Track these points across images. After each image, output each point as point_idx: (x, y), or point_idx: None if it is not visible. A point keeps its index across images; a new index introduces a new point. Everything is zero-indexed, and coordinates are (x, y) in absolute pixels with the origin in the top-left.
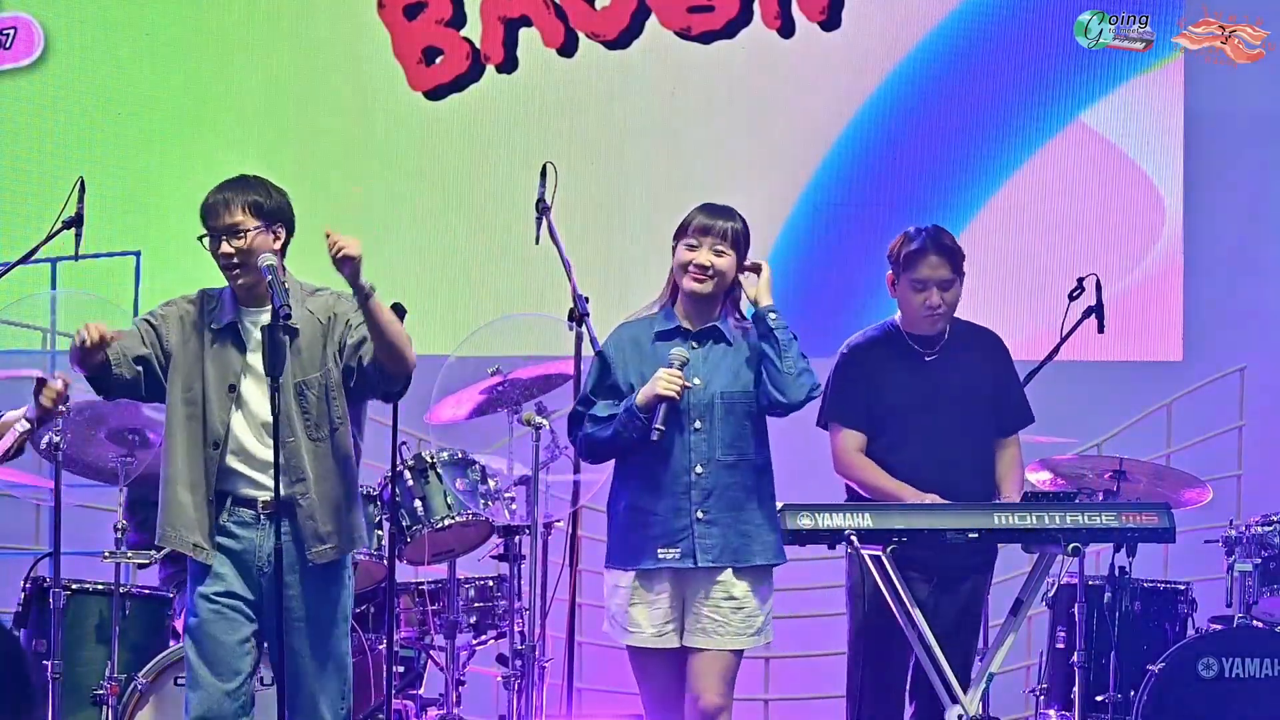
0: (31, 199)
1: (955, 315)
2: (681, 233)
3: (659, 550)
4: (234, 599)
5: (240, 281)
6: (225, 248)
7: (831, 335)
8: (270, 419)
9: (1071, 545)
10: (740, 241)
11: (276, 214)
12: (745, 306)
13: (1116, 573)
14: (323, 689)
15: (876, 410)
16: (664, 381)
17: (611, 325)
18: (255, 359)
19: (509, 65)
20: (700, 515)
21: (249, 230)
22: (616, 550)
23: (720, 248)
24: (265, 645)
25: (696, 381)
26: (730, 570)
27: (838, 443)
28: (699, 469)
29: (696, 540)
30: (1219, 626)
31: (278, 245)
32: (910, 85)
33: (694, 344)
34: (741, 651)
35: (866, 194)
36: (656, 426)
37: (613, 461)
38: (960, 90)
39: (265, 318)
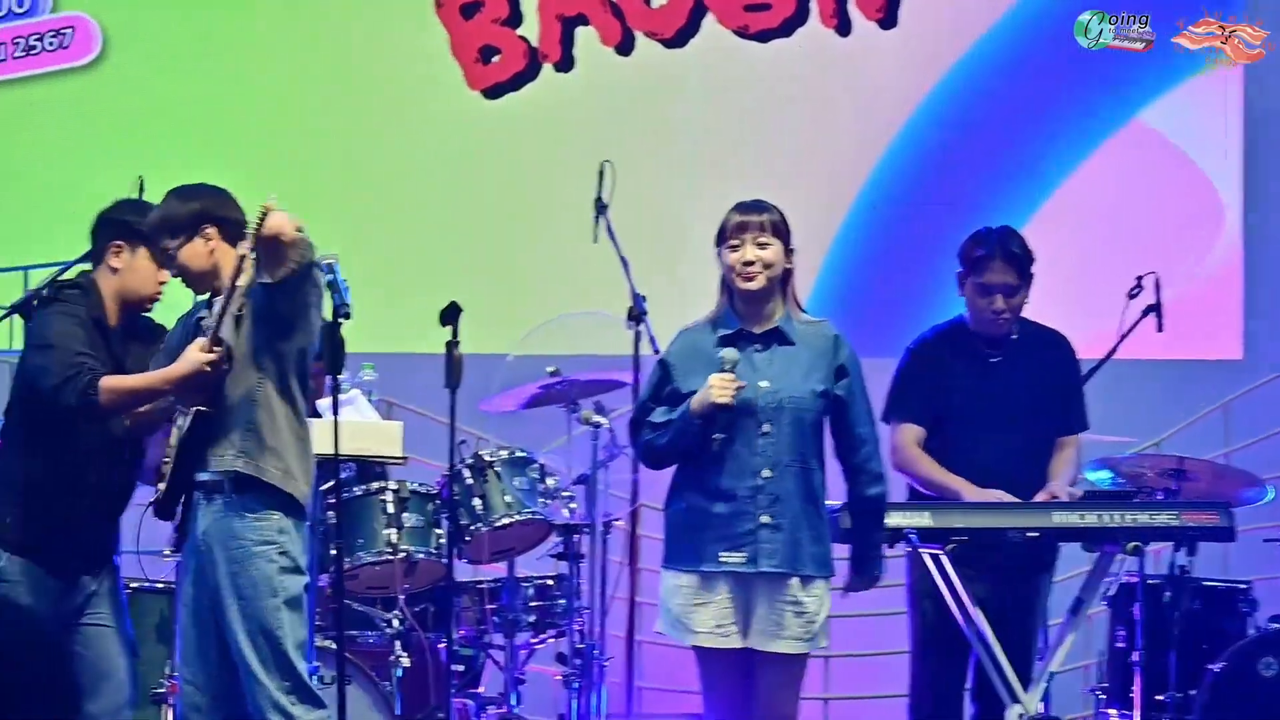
0: (89, 199)
1: (1024, 315)
2: (721, 237)
3: (721, 554)
4: None
5: (198, 293)
6: (165, 276)
7: (889, 336)
8: None
9: (1131, 544)
10: (781, 230)
11: (191, 220)
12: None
13: (1176, 572)
14: None
15: (940, 408)
16: (717, 389)
17: (669, 325)
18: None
19: (566, 64)
20: (765, 520)
21: (170, 253)
22: (677, 551)
23: (762, 240)
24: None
25: (764, 384)
26: (794, 576)
27: (897, 437)
28: (766, 473)
29: (760, 545)
30: (1279, 626)
31: (212, 245)
32: (967, 83)
33: (758, 346)
34: (806, 656)
35: (924, 193)
36: (715, 436)
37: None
38: (1017, 89)
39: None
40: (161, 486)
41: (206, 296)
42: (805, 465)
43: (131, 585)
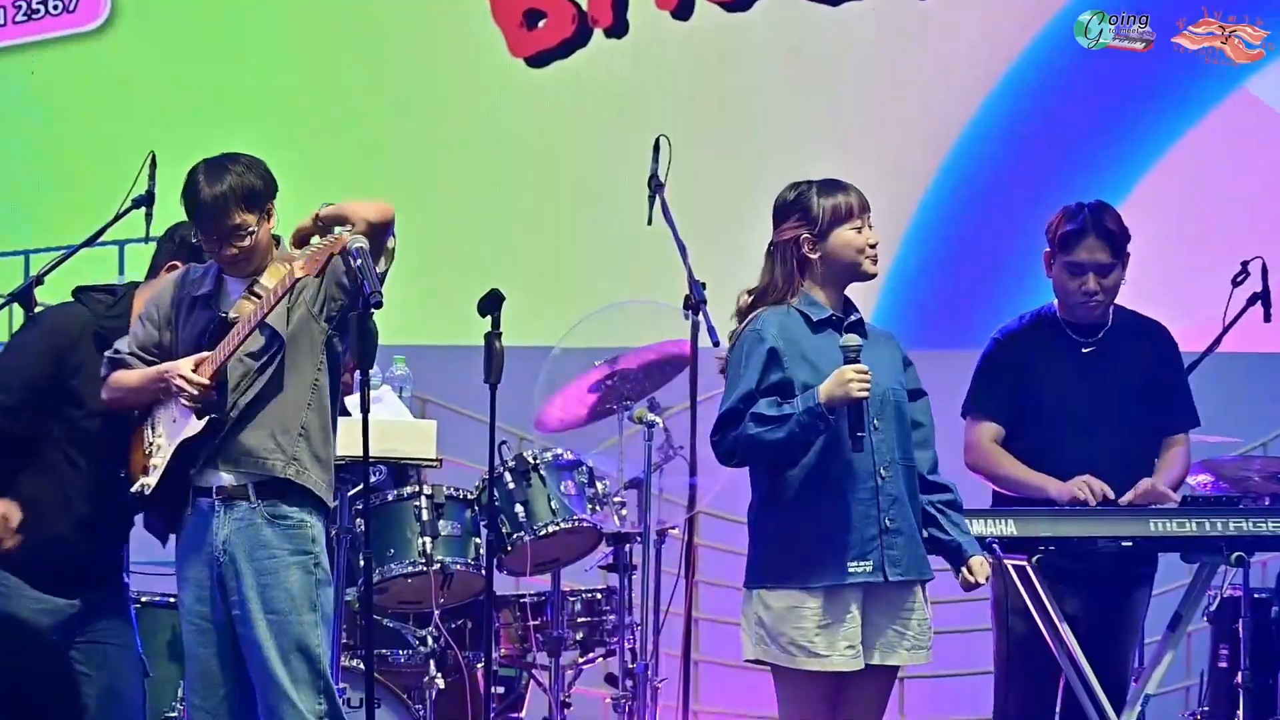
0: (99, 176)
1: (1119, 303)
2: (841, 217)
3: (850, 564)
4: None
5: (240, 273)
6: (230, 250)
7: (974, 326)
8: None
9: (1235, 554)
10: None
11: (267, 194)
12: None
13: None
14: None
15: (1024, 405)
16: (856, 383)
17: (731, 314)
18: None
19: (619, 29)
20: (888, 524)
21: (251, 230)
22: (786, 566)
23: (872, 221)
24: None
25: (872, 375)
26: (918, 583)
27: (972, 435)
28: (884, 472)
29: (886, 552)
30: None
31: (273, 224)
32: (1059, 49)
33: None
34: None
35: (1008, 170)
36: (861, 434)
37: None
38: (1114, 55)
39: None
40: (149, 485)
41: (177, 271)
42: (909, 463)
43: (141, 600)
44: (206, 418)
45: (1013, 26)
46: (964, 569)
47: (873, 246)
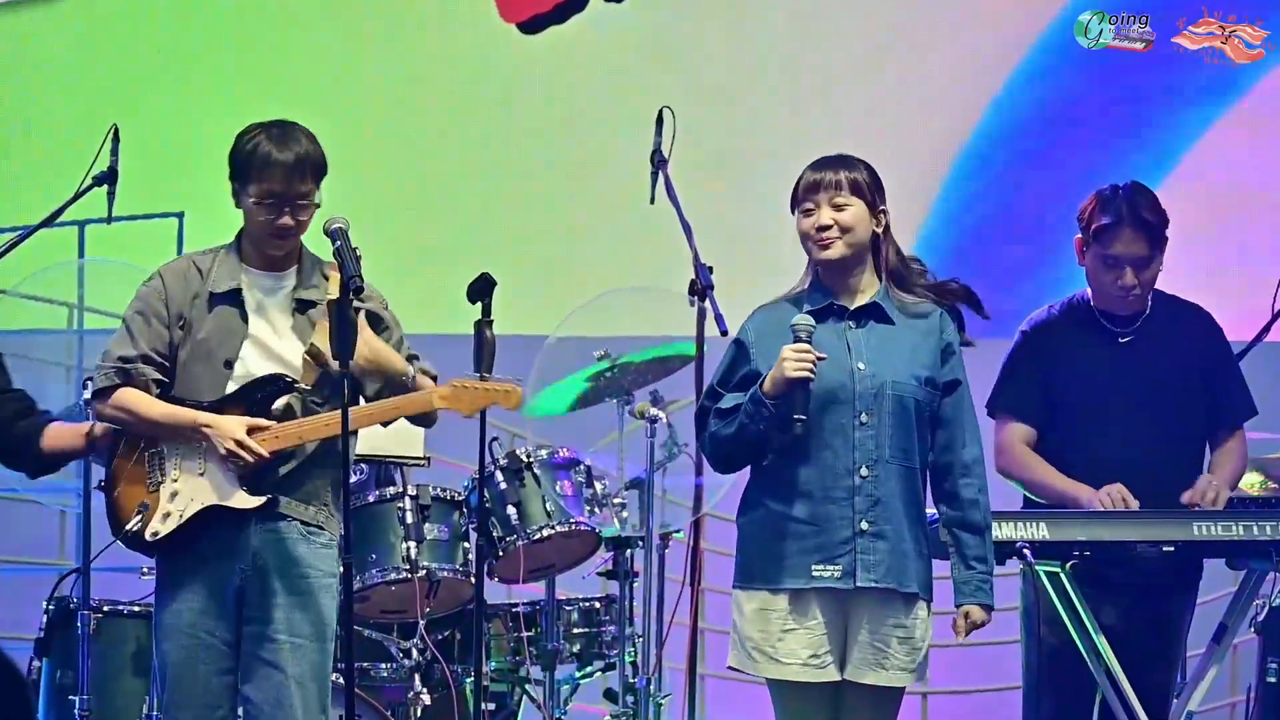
0: (58, 151)
1: (1157, 287)
2: (794, 200)
3: (814, 567)
4: None
5: (280, 252)
6: (286, 220)
7: (1003, 315)
8: None
9: None
10: (864, 189)
11: (325, 171)
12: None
13: None
14: None
15: (1055, 401)
16: (792, 361)
17: (739, 299)
18: (260, 327)
19: None
20: (865, 526)
21: (313, 203)
22: (755, 566)
23: (839, 200)
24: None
25: (861, 367)
26: (896, 593)
27: (1002, 436)
28: (864, 471)
29: (859, 556)
30: None
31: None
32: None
33: (851, 324)
34: (903, 690)
35: (1041, 146)
36: (797, 416)
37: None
38: (1156, 23)
39: (284, 283)
40: (159, 532)
41: (180, 262)
42: (908, 464)
43: (103, 609)
44: (262, 499)
45: (1039, 9)
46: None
47: (822, 229)
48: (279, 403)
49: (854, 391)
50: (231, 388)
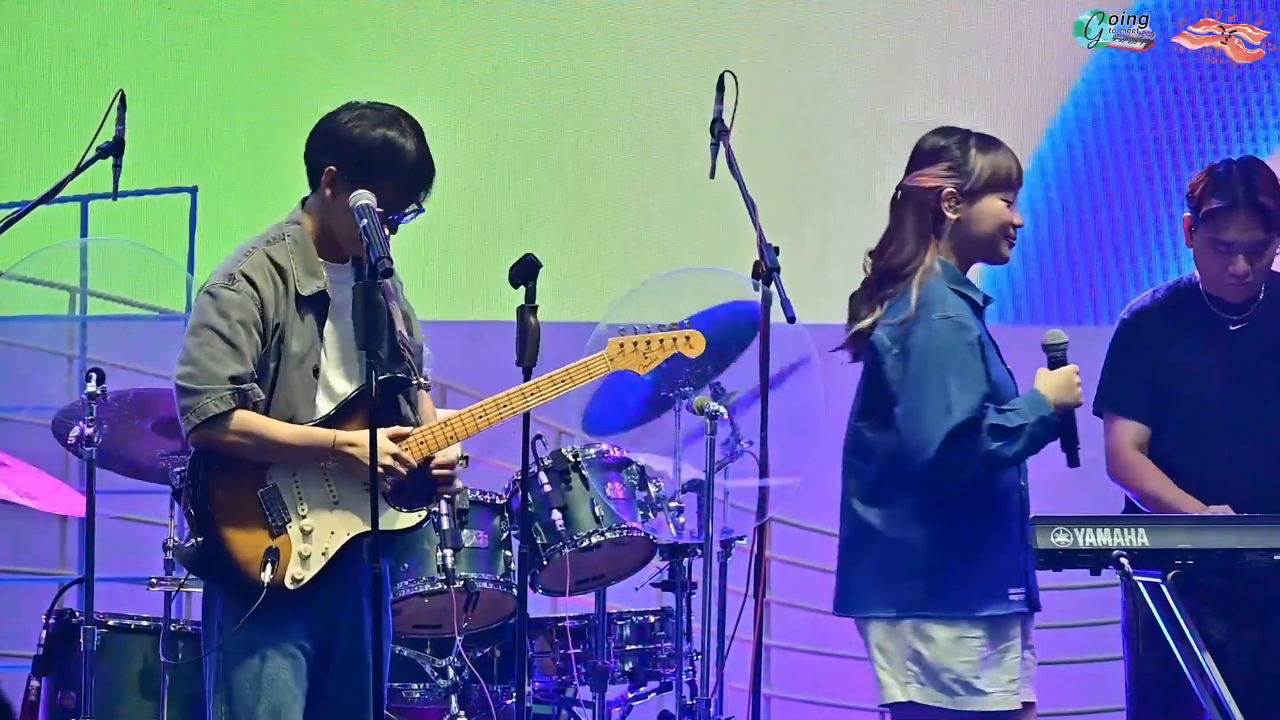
0: (60, 121)
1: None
2: (996, 180)
3: (1010, 591)
4: None
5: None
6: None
7: (1099, 301)
8: None
9: None
10: None
11: None
12: None
13: None
14: None
15: (1164, 395)
16: (1079, 386)
17: (809, 282)
18: (337, 327)
19: None
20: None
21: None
22: (955, 594)
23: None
24: None
25: None
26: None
27: (1113, 438)
28: (1023, 483)
29: (1030, 575)
30: None
31: None
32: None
33: None
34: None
35: (1138, 119)
36: (1078, 448)
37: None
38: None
39: (348, 276)
40: (302, 579)
41: (257, 255)
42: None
43: (109, 623)
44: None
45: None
46: None
47: (1015, 228)
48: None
49: None
50: (321, 397)
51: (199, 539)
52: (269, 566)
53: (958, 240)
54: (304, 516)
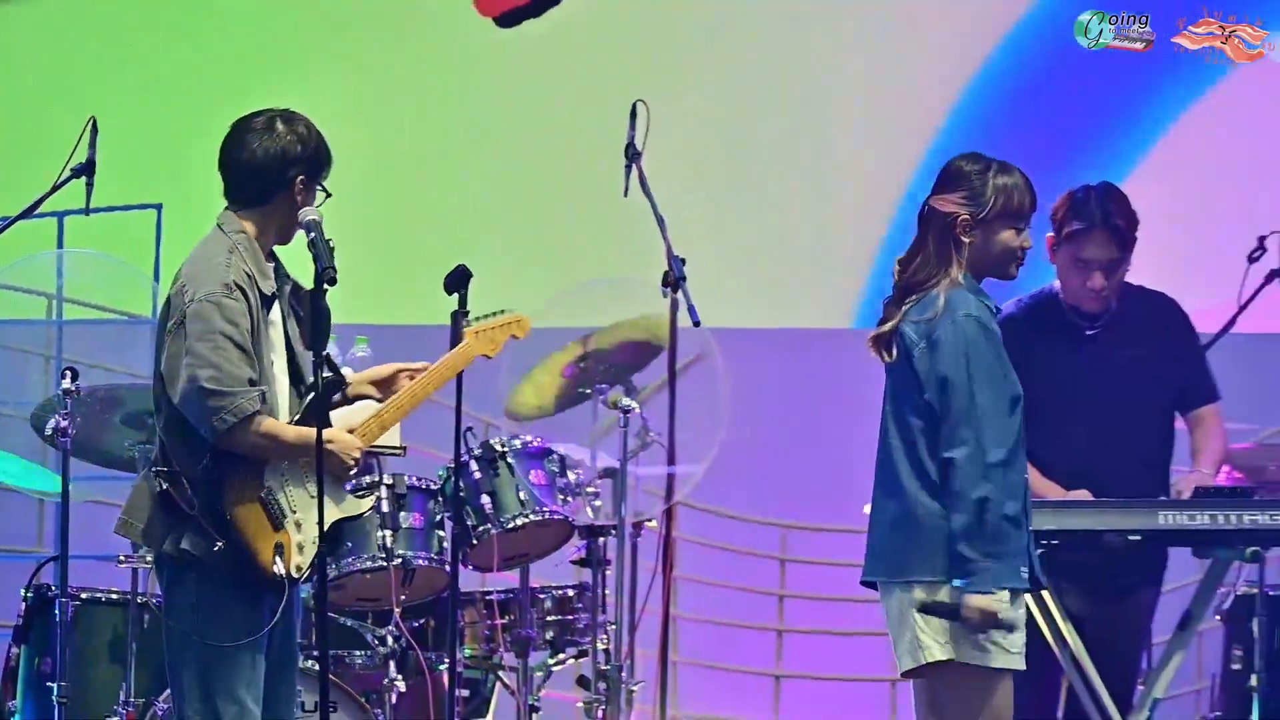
0: (36, 143)
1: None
2: (1009, 210)
3: (1022, 568)
4: None
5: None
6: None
7: None
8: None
9: (1250, 550)
10: None
11: None
12: None
13: None
14: None
15: (1027, 394)
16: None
17: (712, 291)
18: (275, 330)
19: None
20: (1029, 526)
21: None
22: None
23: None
24: None
25: None
26: None
27: None
28: (1025, 472)
29: (1033, 556)
30: None
31: None
32: (1059, 14)
33: None
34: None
35: (1008, 139)
36: None
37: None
38: (1156, 23)
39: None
40: (303, 566)
41: (227, 253)
42: None
43: (81, 596)
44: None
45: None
46: None
47: (1025, 252)
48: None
49: None
50: (281, 394)
51: (221, 544)
52: (278, 560)
53: (971, 260)
54: (294, 511)
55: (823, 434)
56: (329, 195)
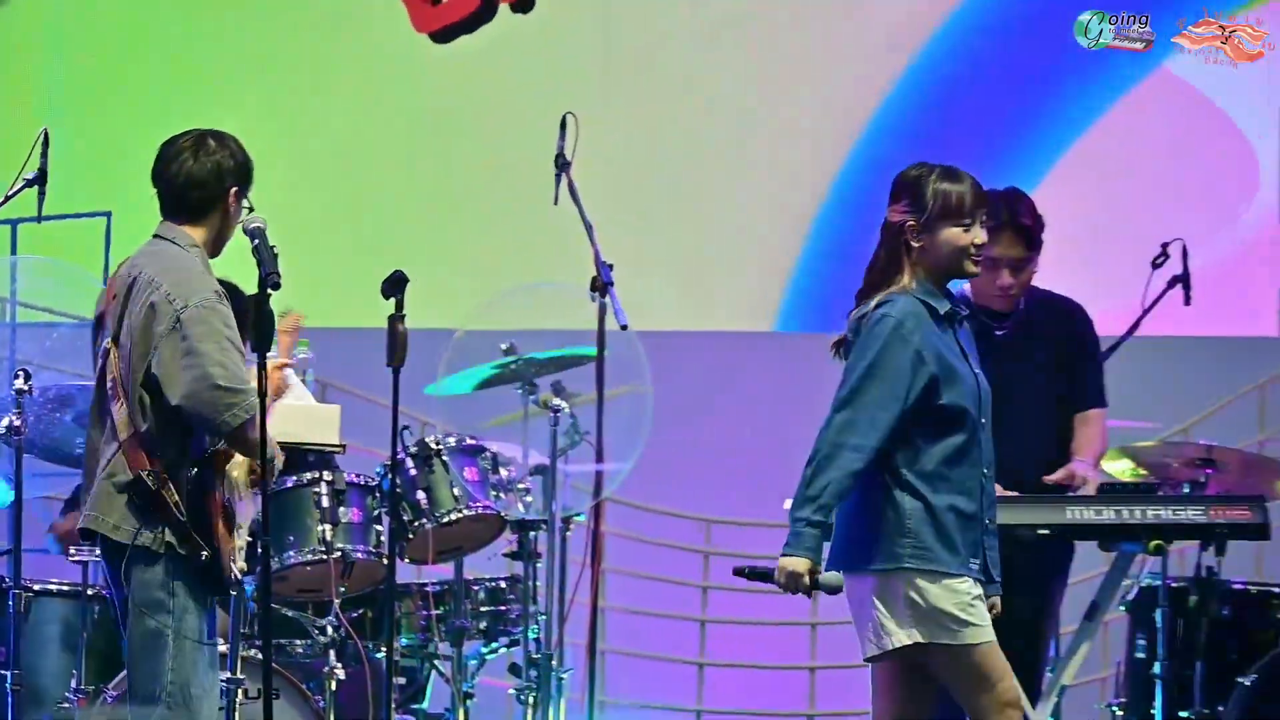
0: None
1: (1033, 283)
2: (949, 212)
3: (972, 560)
4: None
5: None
6: None
7: None
8: None
9: (1154, 543)
10: None
11: None
12: None
13: (1203, 573)
14: None
15: None
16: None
17: (639, 294)
18: None
19: (525, 3)
20: (989, 523)
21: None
22: (948, 553)
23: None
24: None
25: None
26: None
27: None
28: (986, 470)
29: (987, 552)
30: None
31: None
32: (976, 26)
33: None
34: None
35: (926, 148)
36: None
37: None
38: (1032, 33)
39: None
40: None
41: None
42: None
43: (33, 588)
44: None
45: (927, 4)
46: None
47: (978, 247)
48: None
49: (983, 395)
50: None
51: (208, 554)
52: (234, 563)
53: (926, 263)
54: (236, 517)
55: (744, 432)
56: (251, 209)
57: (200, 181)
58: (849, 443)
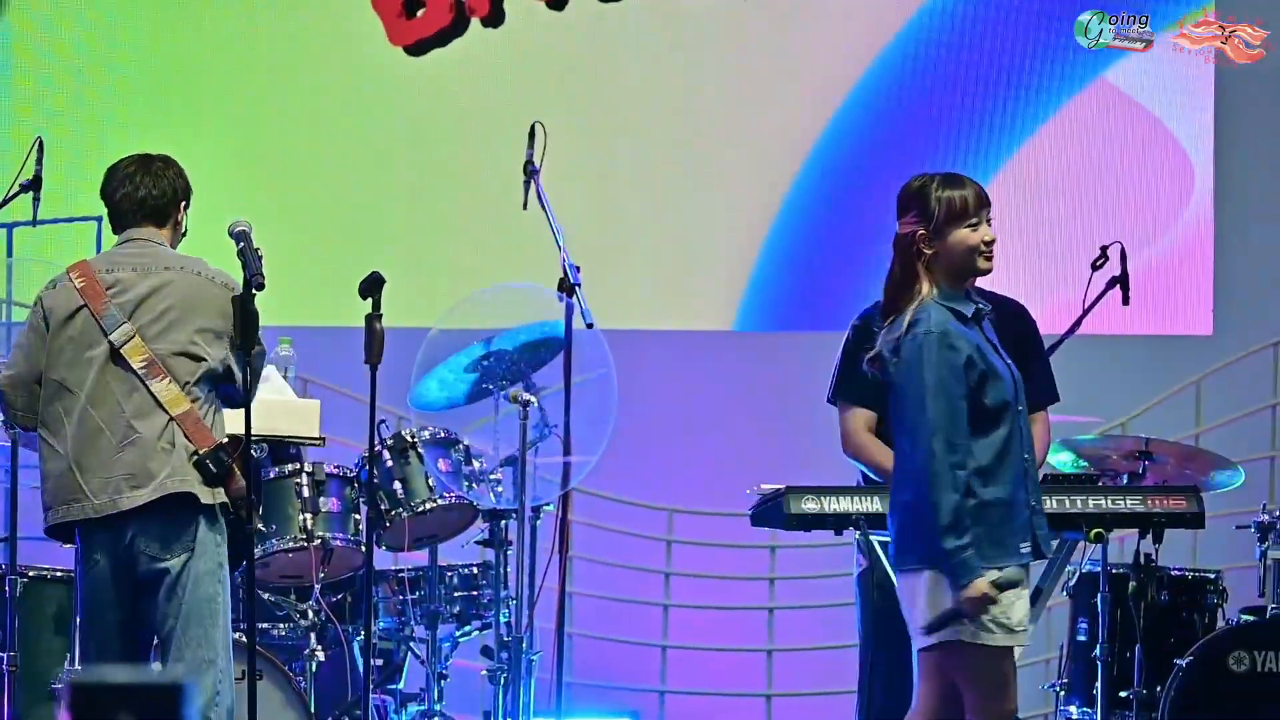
0: None
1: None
2: (954, 213)
3: (1021, 545)
4: None
5: None
6: None
7: (842, 307)
8: None
9: (1094, 531)
10: None
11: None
12: None
13: (1142, 560)
14: None
15: (879, 386)
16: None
17: (607, 296)
18: None
19: (495, 18)
20: (1034, 504)
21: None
22: (995, 548)
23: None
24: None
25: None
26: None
27: (845, 423)
28: (1027, 455)
29: (1037, 531)
30: (1251, 618)
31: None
32: (925, 38)
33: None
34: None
35: (876, 154)
36: None
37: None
38: (976, 45)
39: None
40: None
41: None
42: None
43: (29, 573)
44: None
45: (879, 16)
46: None
47: (988, 244)
48: None
49: (1018, 383)
50: None
51: (251, 527)
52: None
53: (942, 268)
54: None
55: (706, 426)
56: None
57: (161, 192)
58: (949, 461)
